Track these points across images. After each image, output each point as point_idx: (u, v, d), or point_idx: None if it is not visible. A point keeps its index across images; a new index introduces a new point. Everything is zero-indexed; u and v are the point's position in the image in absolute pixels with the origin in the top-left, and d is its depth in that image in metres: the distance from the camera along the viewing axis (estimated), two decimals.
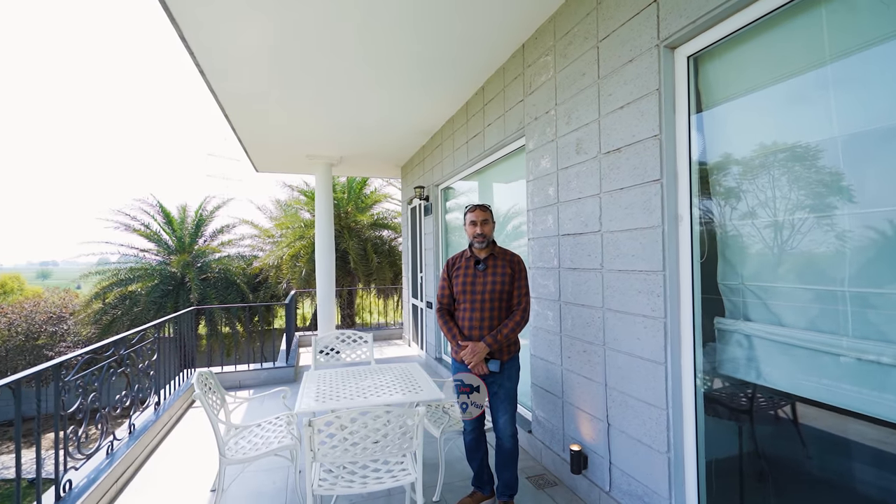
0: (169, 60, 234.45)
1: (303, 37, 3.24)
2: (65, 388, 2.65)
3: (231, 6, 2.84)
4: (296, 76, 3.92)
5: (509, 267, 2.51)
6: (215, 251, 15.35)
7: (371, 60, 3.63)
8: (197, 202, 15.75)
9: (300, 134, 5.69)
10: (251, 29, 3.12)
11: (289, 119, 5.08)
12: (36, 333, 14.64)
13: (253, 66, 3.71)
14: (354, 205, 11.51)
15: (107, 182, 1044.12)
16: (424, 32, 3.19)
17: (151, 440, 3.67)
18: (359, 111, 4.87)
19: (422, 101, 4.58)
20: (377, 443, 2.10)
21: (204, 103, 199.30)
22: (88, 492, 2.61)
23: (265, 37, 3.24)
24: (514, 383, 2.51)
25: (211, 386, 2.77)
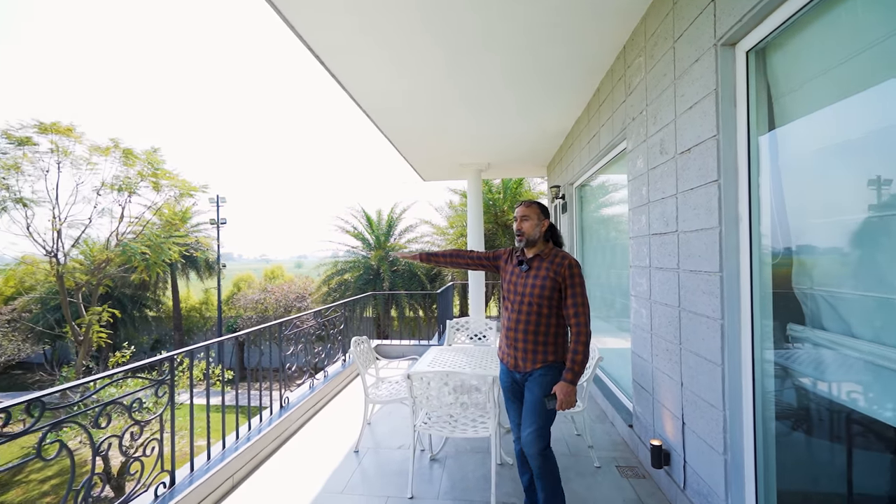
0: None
1: (435, 85, 4.06)
2: (285, 340, 4.12)
3: (380, 66, 3.84)
4: (446, 106, 4.78)
5: (553, 271, 2.25)
6: (402, 247, 18.19)
7: (508, 82, 4.17)
8: (389, 206, 18.88)
9: (451, 147, 6.64)
10: (401, 79, 4.09)
11: (439, 139, 6.07)
12: (289, 307, 20.08)
13: (403, 104, 4.74)
14: (510, 203, 12.19)
15: (335, 191, 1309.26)
16: (547, 48, 3.51)
17: (339, 384, 5.11)
18: (500, 124, 5.45)
19: (552, 106, 4.86)
20: (457, 401, 2.72)
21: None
22: (296, 406, 4.00)
23: (408, 83, 4.18)
24: (542, 393, 2.23)
25: (363, 347, 3.84)
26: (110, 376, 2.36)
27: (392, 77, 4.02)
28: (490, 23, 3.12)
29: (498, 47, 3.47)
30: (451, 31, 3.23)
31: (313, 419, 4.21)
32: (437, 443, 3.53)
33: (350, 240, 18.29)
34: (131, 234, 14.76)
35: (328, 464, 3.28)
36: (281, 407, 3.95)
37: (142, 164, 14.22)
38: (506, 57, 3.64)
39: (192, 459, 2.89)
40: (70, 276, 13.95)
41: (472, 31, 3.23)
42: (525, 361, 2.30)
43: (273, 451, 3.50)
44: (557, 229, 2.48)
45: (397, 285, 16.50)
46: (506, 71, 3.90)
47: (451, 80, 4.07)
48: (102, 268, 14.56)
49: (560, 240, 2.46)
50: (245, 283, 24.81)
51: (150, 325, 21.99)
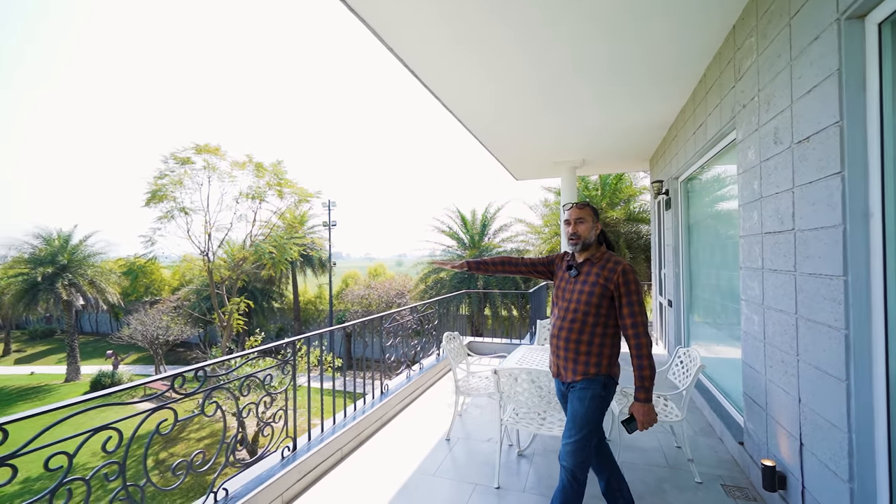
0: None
1: (525, 85, 4.12)
2: (385, 332, 4.52)
3: (469, 71, 4.02)
4: (537, 106, 4.79)
5: (603, 277, 2.10)
6: (496, 246, 18.29)
7: (605, 74, 3.98)
8: (483, 206, 19.11)
9: (544, 146, 6.59)
10: (490, 83, 4.23)
11: (530, 138, 6.08)
12: (390, 303, 21.42)
13: (493, 106, 4.87)
14: (609, 200, 11.56)
15: (433, 193, 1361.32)
16: (649, 33, 3.28)
17: (434, 376, 5.42)
18: (596, 118, 5.24)
19: (653, 96, 4.56)
20: (542, 399, 2.77)
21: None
22: (395, 393, 4.37)
23: (496, 86, 4.30)
24: (583, 406, 2.08)
25: (455, 343, 4.05)
26: (247, 355, 2.88)
27: (481, 81, 4.16)
28: (585, 12, 3.05)
29: (595, 38, 3.33)
30: (542, 26, 3.23)
31: (409, 406, 4.55)
32: (525, 439, 3.60)
33: (445, 239, 18.93)
34: (261, 236, 17.09)
35: (422, 448, 3.55)
36: (381, 393, 4.35)
37: (269, 175, 16.40)
38: (603, 47, 3.48)
39: (310, 431, 3.36)
40: (217, 271, 16.63)
41: (565, 23, 3.13)
42: (566, 371, 2.18)
43: (374, 432, 3.89)
44: (607, 234, 2.36)
45: (491, 284, 16.67)
46: (602, 62, 3.74)
47: (542, 78, 4.07)
48: (240, 265, 17.10)
49: (611, 244, 2.34)
50: (352, 280, 27.10)
51: (275, 315, 25.18)
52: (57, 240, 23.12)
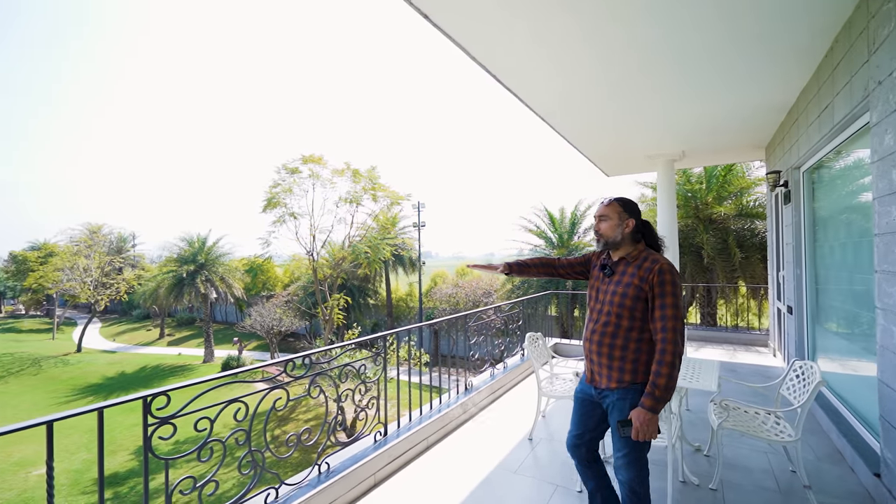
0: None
1: (614, 76, 3.97)
2: (469, 331, 4.66)
3: (555, 69, 3.99)
4: (628, 96, 4.58)
5: (638, 277, 1.95)
6: (586, 245, 17.55)
7: (710, 54, 3.59)
8: (572, 204, 18.45)
9: (637, 139, 6.22)
10: (574, 76, 4.16)
11: (619, 132, 5.78)
12: (478, 302, 21.66)
13: (579, 102, 4.75)
14: (716, 194, 10.41)
15: (520, 191, 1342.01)
16: (764, 4, 2.92)
17: (517, 375, 5.44)
18: (698, 105, 4.80)
19: (768, 76, 4.05)
20: None
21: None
22: (478, 390, 4.50)
23: (583, 79, 4.20)
24: (623, 418, 1.94)
25: (538, 344, 4.04)
26: (344, 346, 3.21)
27: (560, 77, 4.09)
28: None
29: (702, 13, 3.02)
30: (633, 8, 3.10)
31: (493, 404, 4.64)
32: (610, 446, 3.47)
33: (533, 238, 18.61)
34: (358, 237, 18.43)
35: (504, 445, 3.62)
36: (465, 389, 4.50)
37: (365, 181, 17.62)
38: (709, 23, 3.14)
39: (399, 419, 3.62)
40: (320, 270, 18.32)
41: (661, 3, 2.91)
42: (600, 377, 2.04)
43: (458, 426, 4.05)
44: (653, 229, 2.11)
45: (580, 285, 16.03)
46: (707, 40, 3.38)
47: (632, 67, 3.87)
48: (340, 264, 18.63)
49: (657, 241, 2.09)
50: (440, 279, 27.92)
51: (370, 311, 26.92)
52: (196, 242, 27.31)
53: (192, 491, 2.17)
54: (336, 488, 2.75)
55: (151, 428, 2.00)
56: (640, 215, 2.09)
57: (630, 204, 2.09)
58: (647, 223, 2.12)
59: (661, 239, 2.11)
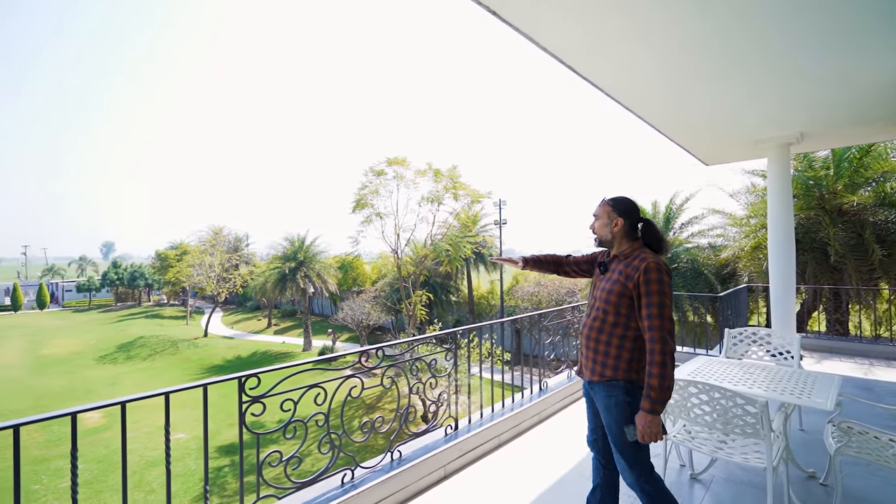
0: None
1: (711, 53, 3.59)
2: (545, 330, 4.54)
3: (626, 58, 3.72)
4: (729, 73, 4.14)
5: (625, 275, 1.97)
6: (684, 242, 16.07)
7: (835, 15, 3.08)
8: (667, 197, 16.97)
9: (741, 122, 5.51)
10: (657, 64, 3.84)
11: (716, 116, 5.19)
12: (560, 301, 20.95)
13: (669, 87, 4.36)
14: (848, 181, 8.82)
15: (605, 185, 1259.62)
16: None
17: None
18: (823, 76, 4.04)
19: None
20: (717, 418, 2.41)
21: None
22: (554, 391, 4.36)
23: (674, 60, 3.86)
24: (611, 417, 1.99)
25: None
26: (414, 341, 3.32)
27: (648, 62, 3.78)
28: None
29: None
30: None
31: (569, 407, 4.46)
32: (701, 461, 3.15)
33: None
34: (439, 235, 18.88)
35: (579, 448, 3.46)
36: (540, 389, 4.39)
37: (446, 180, 17.99)
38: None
39: (470, 415, 3.65)
40: (404, 267, 19.11)
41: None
42: (586, 369, 2.13)
43: (531, 426, 3.96)
44: (653, 228, 2.11)
45: (676, 285, 14.70)
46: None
47: (733, 39, 3.45)
48: (422, 261, 19.27)
49: (655, 240, 2.08)
50: (522, 277, 27.45)
51: (452, 308, 27.42)
52: (297, 242, 30.11)
53: (278, 464, 2.41)
54: (407, 476, 2.87)
55: (245, 405, 2.26)
56: (637, 214, 2.13)
57: (622, 204, 2.14)
58: (648, 222, 2.14)
59: (664, 239, 2.11)
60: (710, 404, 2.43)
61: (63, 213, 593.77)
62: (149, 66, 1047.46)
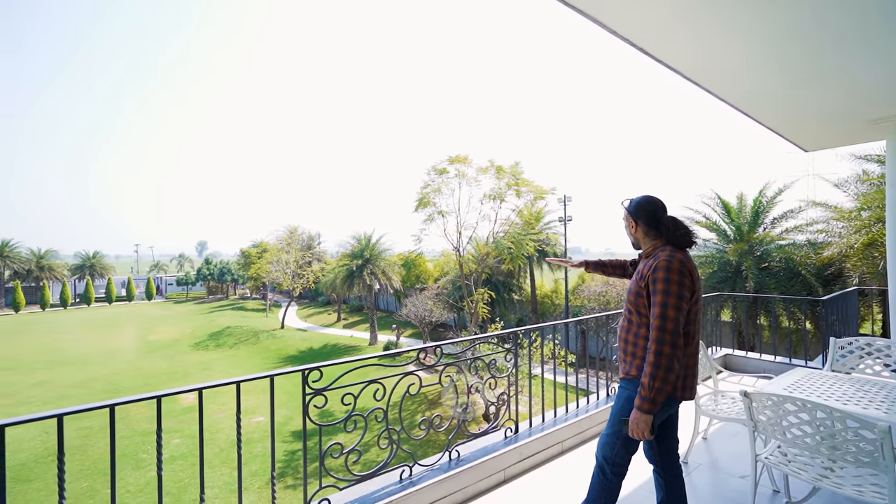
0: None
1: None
2: (612, 332, 4.27)
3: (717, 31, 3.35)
4: (838, 41, 3.65)
5: (641, 274, 2.00)
6: (777, 239, 14.46)
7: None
8: (755, 188, 15.34)
9: (850, 98, 4.79)
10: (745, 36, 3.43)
11: (816, 90, 4.53)
12: (614, 301, 19.84)
13: (760, 62, 3.89)
14: None
15: (680, 179, 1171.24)
16: None
17: None
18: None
19: None
20: (821, 442, 2.07)
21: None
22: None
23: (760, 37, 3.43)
24: (618, 404, 2.10)
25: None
26: (474, 340, 3.25)
27: (732, 34, 3.38)
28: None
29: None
30: None
31: None
32: (800, 488, 2.76)
33: (701, 231, 16.14)
34: (501, 233, 18.65)
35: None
36: (607, 395, 4.13)
37: (508, 177, 17.72)
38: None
39: (531, 418, 3.51)
40: (466, 265, 19.13)
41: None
42: (621, 369, 2.16)
43: (597, 434, 3.73)
44: (676, 225, 2.05)
45: (767, 286, 13.24)
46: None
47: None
48: (484, 259, 19.16)
49: (677, 237, 2.02)
50: (589, 276, 26.31)
51: (514, 306, 27.01)
52: (363, 240, 31.34)
53: (339, 456, 2.47)
54: (465, 476, 2.82)
55: (308, 397, 2.34)
56: (657, 213, 2.07)
57: (635, 206, 2.13)
58: (673, 219, 2.08)
59: (688, 233, 2.03)
60: (811, 425, 2.10)
61: (167, 213, 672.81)
62: (256, 74, 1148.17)
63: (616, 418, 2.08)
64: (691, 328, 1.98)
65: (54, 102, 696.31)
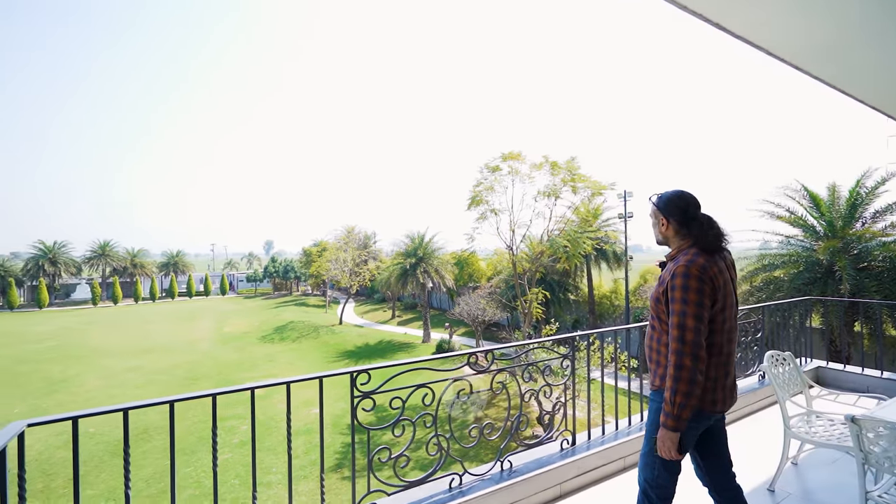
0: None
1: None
2: None
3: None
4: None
5: (661, 278, 1.90)
6: (878, 235, 12.76)
7: None
8: (852, 178, 13.61)
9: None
10: None
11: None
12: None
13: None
14: None
15: (757, 170, 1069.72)
16: None
17: (754, 401, 4.29)
18: None
19: None
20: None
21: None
22: None
23: None
24: (649, 419, 1.98)
25: (785, 368, 3.04)
26: (527, 345, 3.07)
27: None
28: None
29: None
30: None
31: None
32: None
33: (783, 227, 14.61)
34: (556, 231, 18.06)
35: None
36: None
37: (563, 172, 17.11)
38: None
39: (590, 429, 3.27)
40: (519, 264, 18.73)
41: None
42: (649, 380, 1.99)
43: None
44: (709, 224, 1.87)
45: (867, 289, 11.69)
46: None
47: None
48: (538, 258, 18.66)
49: (708, 238, 1.84)
50: (652, 276, 24.84)
51: (570, 307, 26.13)
52: (417, 239, 31.78)
53: (388, 460, 2.42)
54: (518, 489, 2.67)
55: (356, 400, 2.31)
56: (689, 209, 1.91)
57: (667, 201, 1.95)
58: (707, 218, 1.90)
59: (720, 235, 1.87)
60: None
61: (238, 214, 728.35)
62: (299, 76, 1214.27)
63: (650, 435, 1.94)
64: (717, 338, 1.82)
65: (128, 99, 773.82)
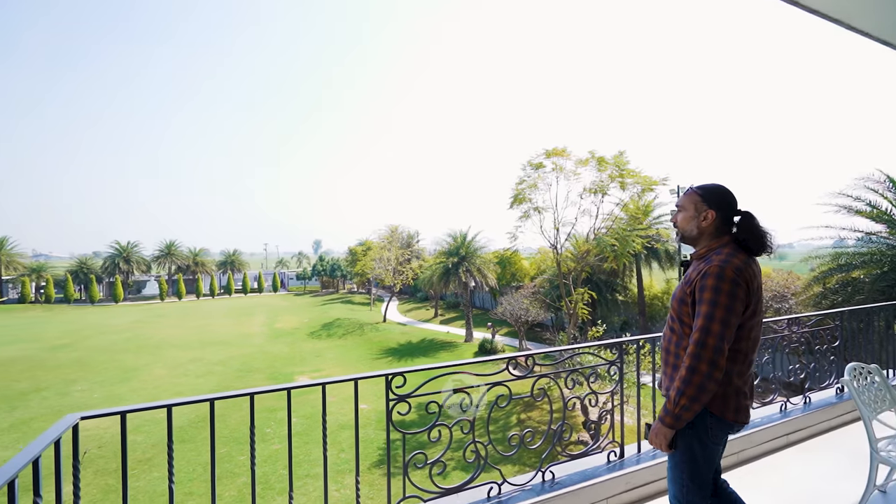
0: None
1: None
2: None
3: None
4: None
5: (689, 278, 1.73)
6: None
7: None
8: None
9: None
10: None
11: None
12: (765, 308, 17.06)
13: None
14: None
15: (831, 161, 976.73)
16: None
17: (829, 417, 3.84)
18: None
19: None
20: None
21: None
22: (761, 427, 3.38)
23: None
24: (680, 452, 1.74)
25: (869, 381, 2.69)
26: (571, 350, 2.91)
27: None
28: None
29: None
30: None
31: (785, 450, 3.40)
32: None
33: (863, 222, 13.18)
34: (603, 229, 17.37)
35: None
36: None
37: (611, 168, 16.42)
38: None
39: (639, 441, 3.06)
40: (564, 263, 18.21)
41: None
42: (663, 385, 1.86)
43: (727, 467, 3.13)
44: (751, 221, 1.75)
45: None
46: None
47: None
48: (584, 257, 18.04)
49: (749, 239, 1.72)
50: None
51: (619, 308, 25.09)
52: (459, 237, 31.76)
53: (423, 466, 2.36)
54: (561, 502, 2.52)
55: (392, 403, 2.26)
56: (734, 204, 1.81)
57: (714, 193, 1.82)
58: (747, 214, 1.79)
59: (766, 236, 1.75)
60: None
61: (286, 215, 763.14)
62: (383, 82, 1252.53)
63: (680, 464, 1.79)
64: (743, 345, 1.70)
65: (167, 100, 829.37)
